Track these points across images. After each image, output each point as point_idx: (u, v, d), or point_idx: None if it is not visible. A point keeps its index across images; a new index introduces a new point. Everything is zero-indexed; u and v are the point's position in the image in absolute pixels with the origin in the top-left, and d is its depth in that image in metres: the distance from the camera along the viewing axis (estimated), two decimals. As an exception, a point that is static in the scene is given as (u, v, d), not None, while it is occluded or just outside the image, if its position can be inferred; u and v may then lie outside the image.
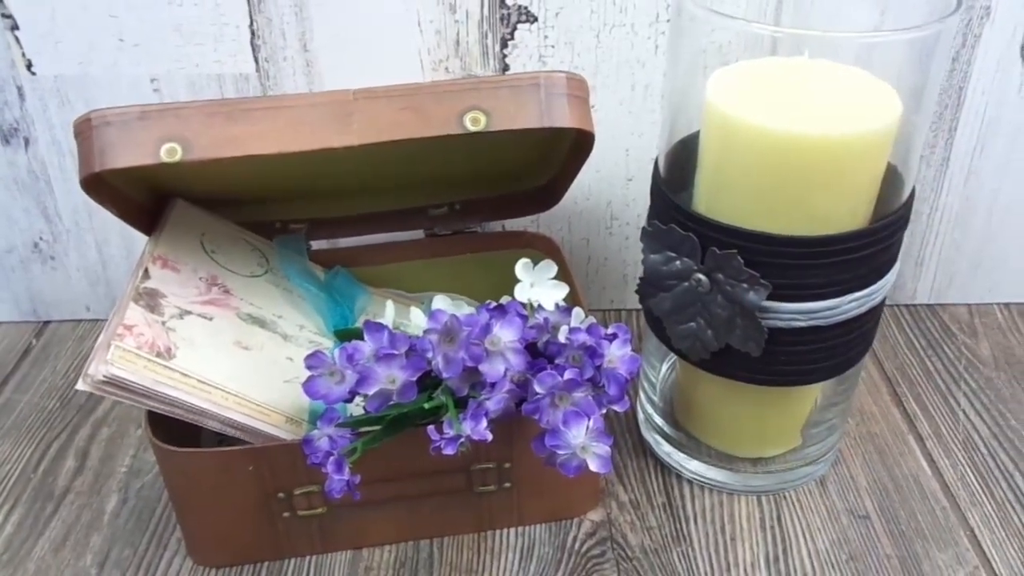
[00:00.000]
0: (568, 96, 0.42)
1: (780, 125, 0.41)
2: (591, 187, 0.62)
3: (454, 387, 0.41)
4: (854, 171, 0.42)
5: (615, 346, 0.44)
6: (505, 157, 0.54)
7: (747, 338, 0.44)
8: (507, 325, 0.41)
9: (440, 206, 0.58)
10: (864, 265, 0.43)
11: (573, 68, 0.57)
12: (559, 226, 0.64)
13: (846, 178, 0.42)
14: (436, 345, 0.40)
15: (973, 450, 0.54)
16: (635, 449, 0.55)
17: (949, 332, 0.64)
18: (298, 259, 0.54)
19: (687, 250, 0.44)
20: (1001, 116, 0.59)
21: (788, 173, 0.41)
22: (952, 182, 0.62)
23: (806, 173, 0.41)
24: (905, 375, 0.61)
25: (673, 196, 0.45)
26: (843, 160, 0.41)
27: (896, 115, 0.42)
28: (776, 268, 0.42)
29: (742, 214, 0.43)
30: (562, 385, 0.40)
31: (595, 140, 0.46)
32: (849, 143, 0.41)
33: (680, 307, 0.46)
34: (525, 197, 0.58)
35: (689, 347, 0.47)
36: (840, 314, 0.44)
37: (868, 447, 0.55)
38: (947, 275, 0.66)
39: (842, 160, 0.41)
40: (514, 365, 0.41)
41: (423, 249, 0.59)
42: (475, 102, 0.41)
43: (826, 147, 0.41)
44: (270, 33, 0.56)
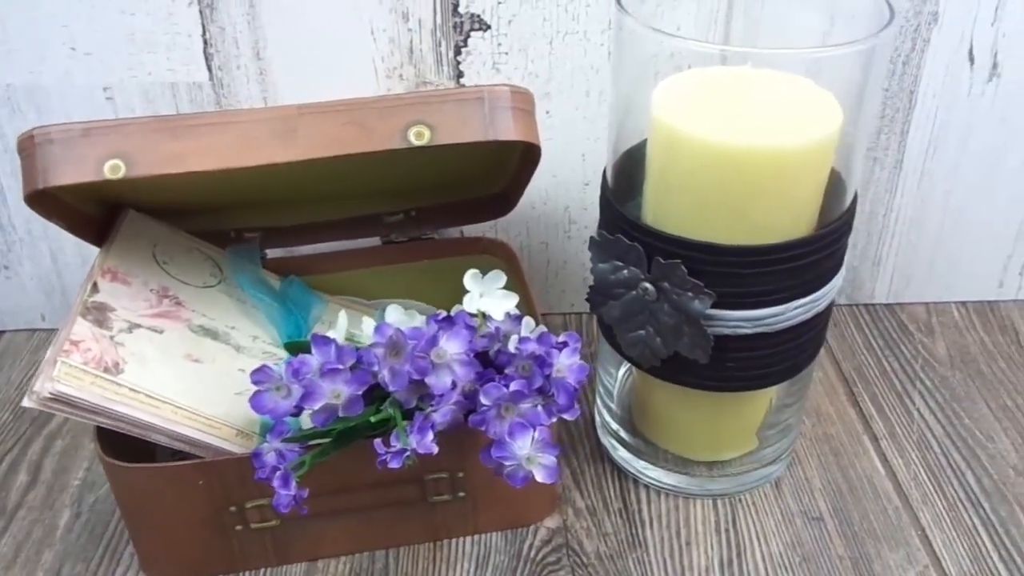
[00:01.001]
0: (513, 109, 0.42)
1: (722, 137, 0.41)
2: (548, 192, 0.62)
3: (402, 399, 0.41)
4: (796, 181, 0.42)
5: (564, 355, 0.44)
6: (458, 166, 0.54)
7: (694, 345, 0.44)
8: (453, 337, 0.41)
9: (396, 213, 0.58)
10: (808, 272, 0.43)
11: (527, 75, 0.58)
12: (517, 231, 0.64)
13: (788, 188, 0.42)
14: (382, 358, 0.40)
15: (926, 449, 0.55)
16: (593, 455, 0.56)
17: (907, 331, 0.65)
18: (251, 268, 0.54)
19: (633, 259, 0.44)
20: (951, 119, 0.60)
21: (731, 184, 0.42)
22: (906, 184, 0.62)
23: (749, 184, 0.42)
24: (862, 375, 0.61)
25: (620, 206, 0.45)
26: (785, 170, 0.42)
27: (837, 124, 0.42)
28: (720, 277, 0.43)
29: (687, 224, 0.43)
30: (508, 396, 0.41)
31: (541, 151, 0.46)
32: (791, 153, 0.41)
33: (629, 315, 0.46)
34: (480, 204, 0.58)
35: (639, 354, 0.47)
36: (785, 320, 0.44)
37: (824, 448, 0.55)
38: (904, 275, 0.67)
39: (784, 170, 0.42)
40: (461, 377, 0.41)
41: (379, 256, 0.59)
42: (419, 117, 0.41)
43: (768, 158, 0.41)
44: (223, 42, 0.56)
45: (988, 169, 0.62)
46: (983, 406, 0.58)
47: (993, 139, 0.60)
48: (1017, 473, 0.53)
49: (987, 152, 0.61)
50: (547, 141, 0.60)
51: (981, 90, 0.59)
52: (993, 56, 0.57)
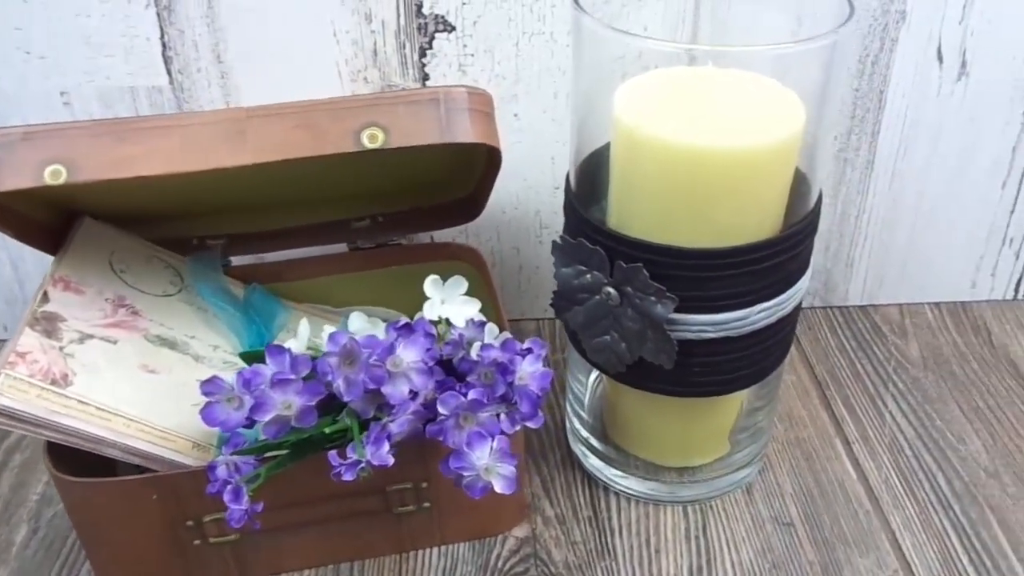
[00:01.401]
0: (470, 111, 0.41)
1: (683, 138, 0.40)
2: (519, 196, 0.62)
3: (359, 410, 0.41)
4: (759, 181, 0.42)
5: (527, 362, 0.43)
6: (424, 170, 0.54)
7: (658, 351, 0.44)
8: (410, 345, 0.40)
9: (362, 219, 0.57)
10: (772, 275, 0.43)
11: (494, 76, 0.57)
12: (488, 236, 0.63)
13: (752, 189, 0.42)
14: (335, 368, 0.39)
15: (898, 452, 0.54)
16: (563, 462, 0.55)
17: (880, 333, 0.64)
18: (213, 276, 0.53)
19: (596, 264, 0.43)
20: (921, 118, 0.59)
21: (693, 186, 0.41)
22: (878, 184, 0.62)
23: (711, 185, 0.41)
24: (835, 378, 0.61)
25: (584, 210, 0.45)
26: (748, 171, 0.41)
27: (801, 123, 0.42)
28: (683, 281, 0.42)
29: (651, 227, 0.42)
30: (466, 406, 0.40)
31: (501, 154, 0.45)
32: (753, 154, 0.41)
33: (593, 320, 0.45)
34: (449, 208, 0.57)
35: (604, 360, 0.46)
36: (750, 324, 0.43)
37: (795, 452, 0.55)
38: (877, 276, 0.66)
39: (747, 171, 0.41)
40: (418, 385, 0.40)
41: (346, 263, 0.58)
42: (372, 119, 0.40)
43: (730, 159, 0.40)
44: (182, 45, 0.55)
45: (959, 169, 0.61)
46: (955, 408, 0.58)
47: (963, 139, 0.60)
48: (988, 475, 0.53)
49: (957, 152, 0.61)
50: (515, 144, 0.59)
51: (950, 89, 0.58)
52: (962, 55, 0.57)
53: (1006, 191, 0.62)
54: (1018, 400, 0.58)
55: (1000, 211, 0.63)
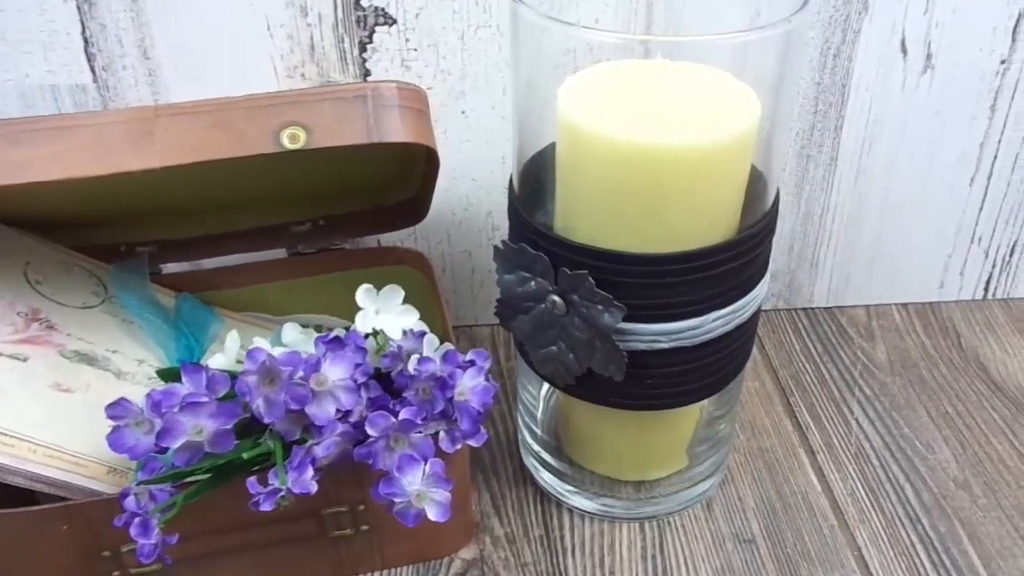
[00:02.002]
0: (400, 108, 0.39)
1: (630, 135, 0.37)
2: (469, 197, 0.59)
3: (282, 432, 0.38)
4: (712, 182, 0.39)
5: (468, 376, 0.41)
6: (365, 170, 0.51)
7: (608, 362, 0.41)
8: (337, 361, 0.37)
9: (302, 223, 0.54)
10: (727, 281, 0.40)
11: (439, 72, 0.54)
12: (438, 239, 0.60)
13: (704, 189, 0.39)
14: (255, 387, 0.36)
15: (864, 462, 0.52)
16: (515, 477, 0.52)
17: (846, 336, 0.62)
18: (139, 285, 0.50)
19: (540, 271, 0.41)
20: (886, 113, 0.57)
21: (641, 187, 0.38)
22: (842, 181, 0.60)
23: (661, 186, 0.38)
24: (799, 383, 0.58)
25: (529, 214, 0.42)
26: (700, 170, 0.38)
27: (755, 118, 0.39)
28: (632, 288, 0.39)
29: (598, 231, 0.40)
30: (397, 426, 0.37)
31: (438, 155, 0.42)
32: (705, 152, 0.38)
33: (539, 330, 0.42)
34: (393, 211, 0.54)
35: (552, 372, 0.44)
36: (705, 333, 0.41)
37: (758, 464, 0.52)
38: (843, 276, 0.64)
39: (698, 170, 0.38)
40: (345, 404, 0.37)
41: (286, 269, 0.55)
42: (293, 117, 0.37)
43: (680, 158, 0.38)
44: (105, 40, 0.51)
45: (925, 165, 0.59)
46: (923, 414, 0.56)
47: (929, 133, 0.58)
48: (957, 486, 0.51)
49: (923, 146, 0.58)
50: (464, 143, 0.57)
51: (915, 82, 0.56)
52: (927, 47, 0.55)
53: (974, 187, 0.60)
54: (988, 405, 0.56)
55: (969, 208, 0.61)
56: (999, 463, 0.52)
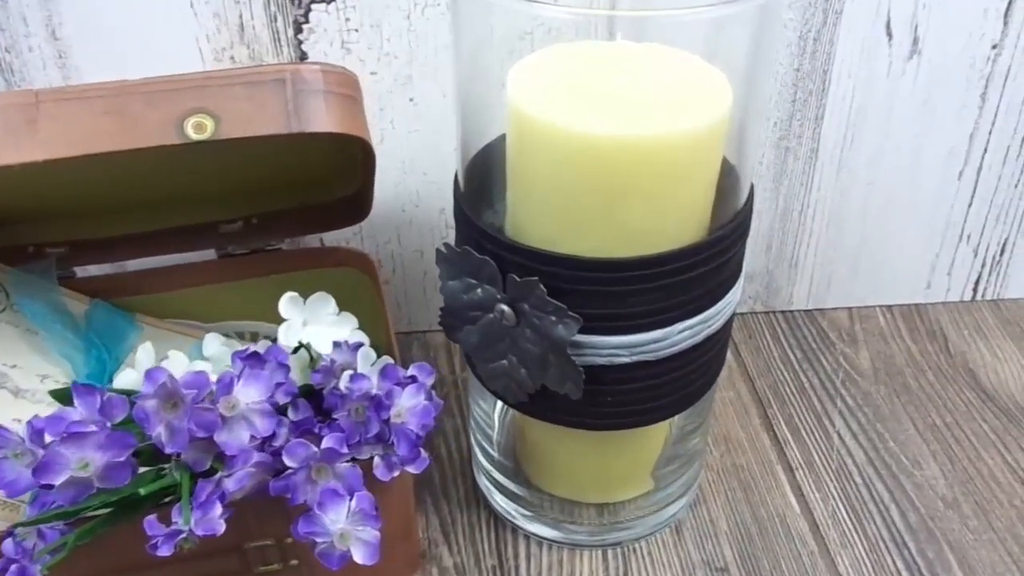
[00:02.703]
0: (327, 94, 0.34)
1: (586, 125, 0.33)
2: (420, 193, 0.54)
3: (190, 462, 0.33)
4: (678, 177, 0.35)
5: (406, 395, 0.36)
6: (300, 163, 0.46)
7: (563, 378, 0.37)
8: (251, 382, 0.32)
9: (233, 221, 0.49)
10: (695, 287, 0.36)
11: (383, 55, 0.49)
12: (387, 238, 0.56)
13: (669, 186, 0.34)
14: (154, 413, 0.31)
15: (847, 480, 0.48)
16: (467, 499, 0.48)
17: (827, 341, 0.58)
18: (44, 291, 0.45)
19: (486, 277, 0.36)
20: (870, 102, 0.53)
21: (598, 183, 0.34)
22: (823, 176, 0.56)
23: (620, 182, 0.34)
24: (778, 394, 0.54)
25: (474, 214, 0.37)
26: (664, 164, 0.34)
27: (727, 106, 0.35)
28: (588, 296, 0.35)
29: (551, 234, 0.35)
30: (319, 456, 0.32)
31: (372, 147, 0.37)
32: (671, 144, 0.34)
33: (488, 342, 0.38)
34: (333, 208, 0.49)
35: (503, 388, 0.39)
36: (671, 346, 0.36)
37: (732, 482, 0.48)
38: (825, 277, 0.60)
39: (662, 164, 0.34)
40: (261, 431, 0.32)
41: (216, 272, 0.50)
42: (199, 104, 0.32)
43: (643, 150, 0.33)
44: (7, 18, 0.46)
45: (911, 157, 0.55)
46: (909, 426, 0.52)
47: (916, 123, 0.54)
48: (946, 505, 0.47)
49: (910, 138, 0.54)
50: (413, 134, 0.52)
51: (901, 68, 0.52)
52: (913, 30, 0.51)
53: (963, 182, 0.56)
54: (978, 416, 0.52)
55: (957, 204, 0.57)
56: (990, 480, 0.48)
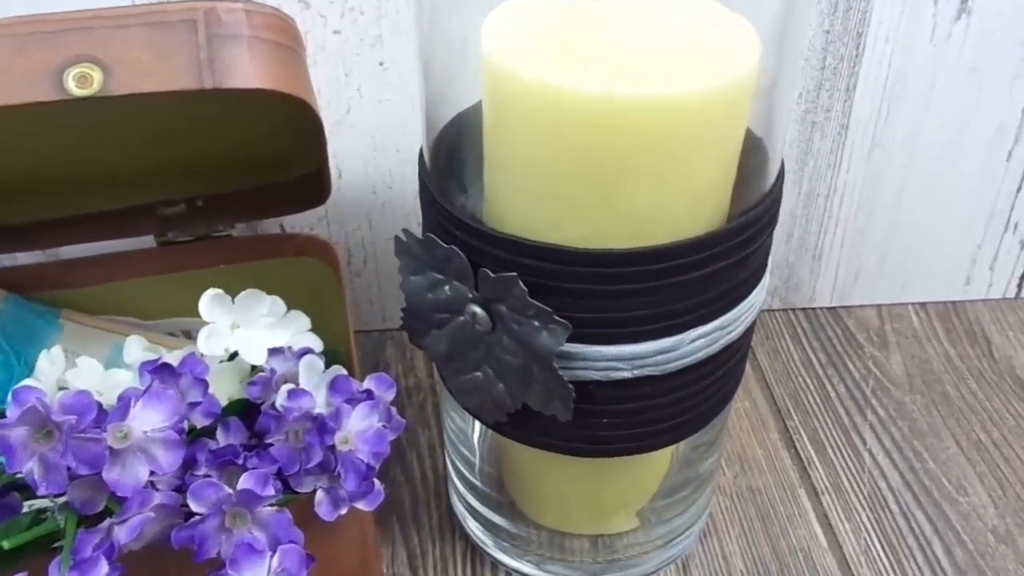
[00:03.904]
0: (251, 40, 0.27)
1: (577, 84, 0.26)
2: (393, 172, 0.47)
3: (77, 503, 0.26)
4: (692, 148, 0.28)
5: (356, 416, 0.30)
6: (249, 134, 0.39)
7: (549, 396, 0.30)
8: (152, 403, 0.26)
9: (174, 203, 0.43)
10: (713, 286, 0.29)
11: (348, 11, 0.42)
12: (356, 223, 0.49)
13: (681, 159, 0.28)
14: (21, 445, 0.25)
15: (881, 508, 0.42)
16: (441, 526, 0.41)
17: (855, 343, 0.52)
18: (-56, 286, 0.38)
19: (455, 271, 0.29)
20: (909, 70, 0.46)
21: (593, 156, 0.27)
22: (853, 155, 0.49)
23: (620, 155, 0.27)
24: (799, 404, 0.48)
25: (441, 196, 0.31)
26: (675, 133, 0.27)
27: (754, 61, 0.28)
28: (579, 297, 0.28)
29: (533, 219, 0.29)
30: (233, 499, 0.26)
31: (315, 110, 0.30)
32: (684, 106, 0.27)
33: (459, 351, 0.31)
34: (288, 189, 0.43)
35: (477, 405, 0.32)
36: (681, 358, 0.30)
37: (748, 509, 0.42)
38: (852, 271, 0.53)
39: (673, 133, 0.27)
40: (164, 466, 0.26)
41: (155, 262, 0.44)
42: (84, 50, 0.25)
43: (651, 115, 0.26)
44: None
45: (954, 134, 0.48)
46: (951, 443, 0.45)
47: (962, 97, 0.47)
48: (998, 539, 0.40)
49: (953, 113, 0.48)
50: (384, 104, 0.45)
51: (947, 31, 0.45)
52: (963, -14, 0.44)
53: (1012, 164, 0.50)
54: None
55: (1004, 189, 0.50)
56: (1047, 508, 0.42)
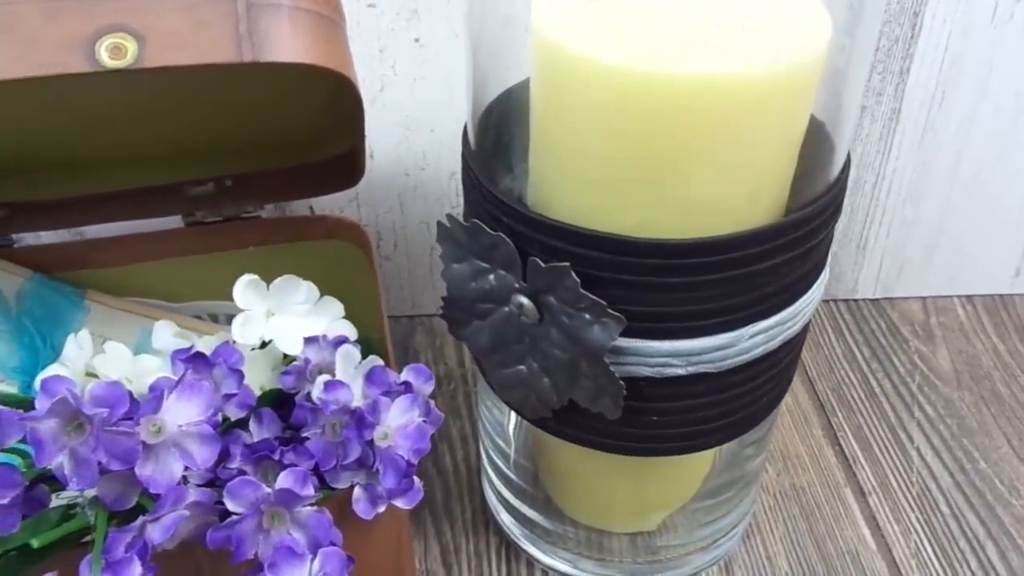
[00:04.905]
0: (292, 11, 0.25)
1: (638, 63, 0.24)
2: (427, 154, 0.46)
3: (107, 499, 0.25)
4: (757, 131, 0.26)
5: (395, 410, 0.28)
6: (283, 112, 0.38)
7: (598, 392, 0.29)
8: (186, 395, 0.25)
9: (203, 182, 0.41)
10: (774, 281, 0.28)
11: (383, -15, 0.41)
12: (388, 206, 0.47)
13: (744, 145, 0.26)
14: (50, 438, 0.23)
15: (932, 510, 0.40)
16: (475, 520, 0.40)
17: (899, 336, 0.50)
18: (-31, 265, 0.37)
19: (502, 260, 0.28)
20: (966, 52, 0.44)
21: (655, 139, 0.25)
22: (904, 142, 0.47)
23: (680, 139, 0.25)
24: (843, 399, 0.46)
25: (484, 177, 0.29)
26: (739, 114, 0.25)
27: (823, 44, 0.26)
28: (636, 289, 0.27)
29: (585, 206, 0.27)
30: (272, 499, 0.24)
31: (356, 86, 0.29)
32: (748, 89, 0.25)
33: (501, 343, 0.30)
34: (322, 169, 0.41)
35: (520, 400, 0.31)
36: (738, 355, 0.28)
37: (792, 509, 0.40)
38: (897, 262, 0.51)
39: (738, 114, 0.25)
40: (199, 461, 0.25)
41: (183, 242, 0.43)
42: (118, 20, 0.24)
43: (712, 97, 0.25)
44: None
45: (1011, 121, 0.46)
46: (1003, 442, 0.43)
47: (1021, 80, 0.45)
48: (1056, 544, 0.39)
49: (1012, 99, 0.46)
50: (419, 82, 0.44)
51: (1008, 12, 0.43)
52: (1029, -36, 0.42)
53: (1070, 153, 0.48)
54: (1085, 432, 0.44)
55: (1061, 179, 0.48)
56: (1104, 512, 0.40)
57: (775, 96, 0.26)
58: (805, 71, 0.26)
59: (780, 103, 0.26)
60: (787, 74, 0.26)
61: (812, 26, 0.26)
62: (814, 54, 0.26)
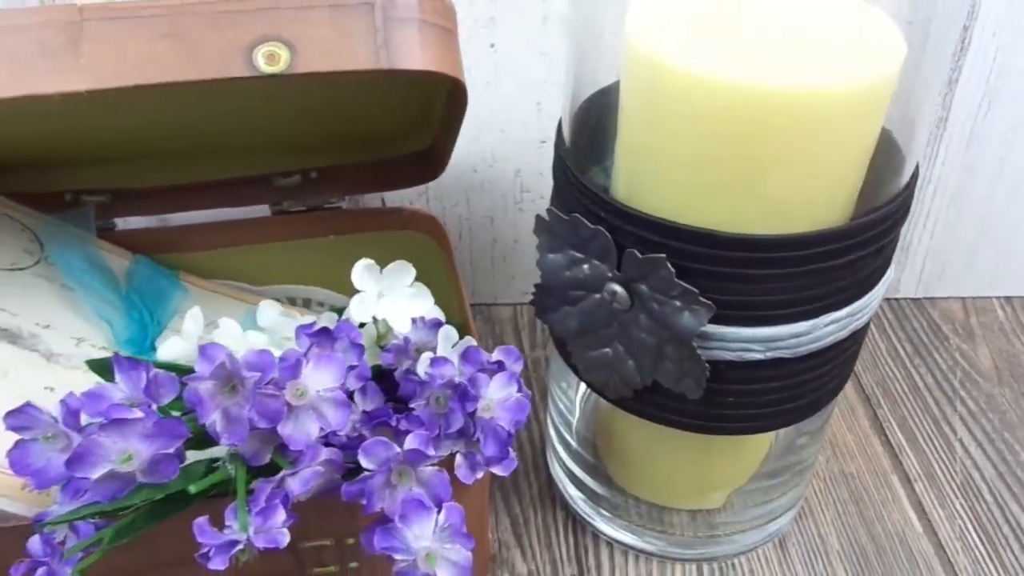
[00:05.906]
0: (422, 24, 0.28)
1: (730, 75, 0.27)
2: (495, 152, 0.48)
3: (247, 455, 0.28)
4: (836, 143, 0.29)
5: (495, 385, 0.31)
6: (369, 110, 0.40)
7: (682, 374, 0.31)
8: (323, 364, 0.27)
9: (290, 174, 0.44)
10: (847, 275, 0.30)
11: (466, -9, 0.43)
12: (455, 201, 0.50)
13: (824, 152, 0.29)
14: (208, 398, 0.26)
15: (976, 497, 0.43)
16: (542, 495, 0.43)
17: (940, 334, 0.52)
18: (82, 244, 0.40)
19: (597, 251, 0.31)
20: (1015, 63, 0.46)
21: (741, 145, 0.28)
22: (950, 148, 0.49)
23: (767, 145, 0.28)
24: (888, 392, 0.48)
25: (581, 173, 0.32)
26: (822, 124, 0.28)
27: (897, 62, 0.29)
28: (722, 279, 0.29)
29: (674, 202, 0.30)
30: (401, 458, 0.27)
31: (466, 90, 0.32)
32: (829, 101, 0.28)
33: (590, 328, 0.32)
34: (402, 164, 0.44)
35: (604, 381, 0.34)
36: (812, 342, 0.31)
37: (842, 493, 0.43)
38: (939, 263, 0.54)
39: (820, 125, 0.28)
40: (333, 423, 0.27)
41: (269, 229, 0.45)
42: (272, 30, 0.27)
43: (798, 107, 0.27)
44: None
45: (1054, 133, 0.49)
46: (1041, 437, 0.46)
47: (1065, 94, 0.47)
48: (1092, 532, 0.41)
49: (1056, 111, 0.48)
50: (490, 84, 0.46)
51: (1057, 29, 0.45)
52: (1078, -18, 0.44)
53: (1109, 163, 0.50)
54: (1119, 429, 0.46)
55: (1099, 188, 0.51)
56: None
57: (852, 110, 0.28)
58: (879, 89, 0.29)
59: (856, 116, 0.29)
60: (864, 90, 0.28)
61: (888, 46, 0.29)
62: (889, 73, 0.29)
